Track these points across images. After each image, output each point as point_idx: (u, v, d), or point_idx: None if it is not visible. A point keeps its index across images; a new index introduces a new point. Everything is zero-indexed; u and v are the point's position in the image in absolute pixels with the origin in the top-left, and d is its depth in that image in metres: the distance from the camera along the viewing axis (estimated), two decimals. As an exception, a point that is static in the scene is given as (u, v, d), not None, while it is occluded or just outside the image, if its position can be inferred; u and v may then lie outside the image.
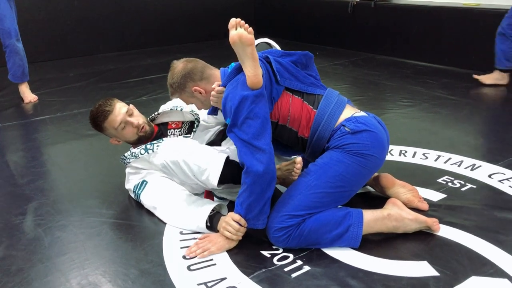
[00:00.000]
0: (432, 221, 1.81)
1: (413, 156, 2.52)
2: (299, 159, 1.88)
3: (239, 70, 1.76)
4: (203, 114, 2.19)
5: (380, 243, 1.77)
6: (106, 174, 2.45)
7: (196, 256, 1.71)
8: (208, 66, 1.92)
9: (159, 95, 3.95)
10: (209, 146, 1.99)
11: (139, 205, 2.06)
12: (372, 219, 1.77)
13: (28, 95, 3.85)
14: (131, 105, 2.13)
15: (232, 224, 1.69)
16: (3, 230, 1.95)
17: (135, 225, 1.97)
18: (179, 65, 1.88)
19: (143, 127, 2.07)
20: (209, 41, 6.23)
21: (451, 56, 4.49)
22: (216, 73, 1.89)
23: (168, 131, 2.19)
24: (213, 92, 1.83)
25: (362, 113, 1.84)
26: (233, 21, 1.64)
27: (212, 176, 1.79)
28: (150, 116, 2.24)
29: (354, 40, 5.46)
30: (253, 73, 1.66)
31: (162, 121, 2.26)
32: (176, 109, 2.21)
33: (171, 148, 1.88)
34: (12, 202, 2.20)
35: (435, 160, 2.46)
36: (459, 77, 4.15)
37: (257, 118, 1.64)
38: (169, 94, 1.95)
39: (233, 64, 1.93)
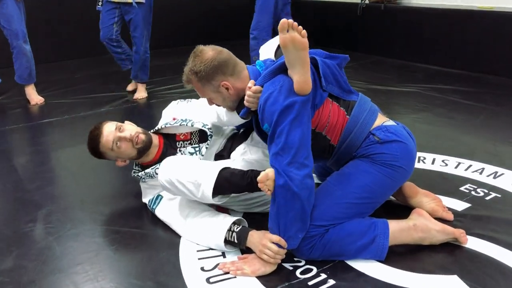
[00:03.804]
0: (459, 233, 1.74)
1: (432, 163, 2.45)
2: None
3: (280, 70, 1.65)
4: (208, 115, 2.05)
5: (405, 255, 1.70)
6: (117, 179, 2.38)
7: (228, 272, 1.62)
8: (238, 60, 1.76)
9: (167, 97, 3.88)
10: (207, 161, 1.88)
11: (153, 214, 1.99)
12: (398, 230, 1.70)
13: (34, 97, 3.79)
14: (126, 121, 2.02)
15: (270, 246, 1.57)
16: (12, 238, 1.88)
17: (150, 234, 1.89)
18: (208, 52, 1.68)
19: (137, 137, 1.93)
20: (217, 43, 6.14)
21: (463, 59, 4.43)
22: (246, 70, 1.76)
23: (177, 143, 2.07)
24: (249, 92, 1.68)
25: (392, 122, 1.77)
26: (284, 22, 1.49)
27: (207, 189, 1.65)
28: (154, 128, 2.10)
29: (363, 43, 5.39)
30: (303, 78, 1.55)
31: (169, 132, 2.11)
32: (186, 125, 2.03)
33: (165, 167, 1.74)
34: (21, 209, 2.13)
35: (455, 167, 2.39)
36: (472, 81, 4.09)
37: (300, 128, 1.54)
38: (183, 80, 1.74)
39: (260, 62, 1.84)
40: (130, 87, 4.12)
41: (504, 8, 4.17)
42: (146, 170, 1.98)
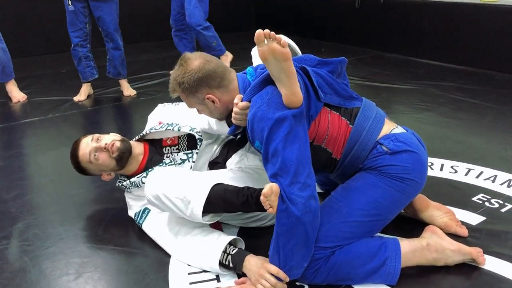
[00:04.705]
0: (476, 252, 1.58)
1: (441, 170, 2.29)
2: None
3: (268, 81, 1.49)
4: (198, 123, 1.90)
5: (418, 279, 1.54)
6: (103, 188, 2.19)
7: None
8: (228, 70, 1.60)
9: (157, 94, 3.69)
10: (199, 173, 1.72)
11: (140, 229, 1.81)
12: (410, 250, 1.54)
13: (16, 94, 3.58)
14: (111, 133, 1.89)
15: (268, 277, 1.42)
16: (-16, 259, 1.70)
17: (136, 253, 1.72)
18: (194, 62, 1.54)
19: (112, 145, 1.78)
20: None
21: (465, 55, 4.27)
22: (235, 81, 1.60)
23: (164, 148, 1.91)
24: (236, 109, 1.53)
25: (401, 129, 1.60)
26: (260, 34, 1.32)
27: (196, 208, 1.49)
28: (138, 135, 1.95)
29: (361, 37, 5.22)
30: (291, 91, 1.39)
31: (154, 138, 1.96)
32: (173, 129, 1.89)
33: (152, 180, 1.58)
34: (-5, 223, 1.95)
35: (466, 175, 2.23)
36: (476, 77, 3.93)
37: (296, 143, 1.38)
38: (169, 90, 1.62)
39: (250, 69, 1.67)
40: (83, 96, 3.64)
41: (507, 2, 4.00)
42: (132, 179, 1.82)
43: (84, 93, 3.63)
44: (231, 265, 1.52)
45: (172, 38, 4.15)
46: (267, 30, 1.32)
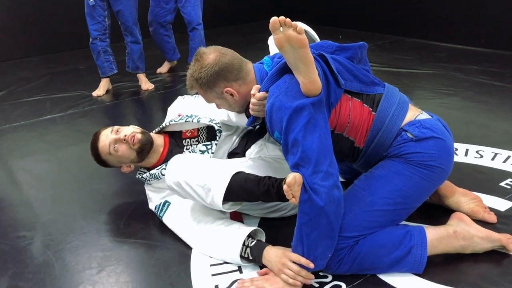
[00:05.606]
0: (506, 239, 1.53)
1: (466, 155, 2.23)
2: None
3: (285, 70, 1.45)
4: (217, 114, 1.88)
5: (445, 267, 1.50)
6: (123, 182, 2.20)
7: None
8: (244, 61, 1.57)
9: (174, 88, 3.68)
10: (220, 160, 1.70)
11: (161, 222, 1.81)
12: (436, 238, 1.50)
13: None
14: (131, 126, 1.89)
15: (291, 265, 1.40)
16: (9, 254, 1.72)
17: (158, 245, 1.72)
18: (209, 56, 1.52)
19: (133, 137, 1.78)
20: (223, 27, 5.93)
21: (489, 37, 4.14)
22: (252, 71, 1.57)
23: (184, 140, 1.90)
24: (253, 100, 1.50)
25: (426, 115, 1.55)
26: (275, 21, 1.29)
27: (217, 196, 1.48)
28: (158, 127, 1.95)
29: (379, 22, 5.11)
30: (309, 79, 1.36)
31: (174, 130, 1.96)
32: (192, 121, 1.88)
33: (173, 166, 1.57)
34: (19, 218, 1.97)
35: (492, 159, 2.17)
36: (501, 60, 3.81)
37: (317, 132, 1.34)
38: (187, 87, 1.61)
39: (267, 58, 1.64)
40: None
41: (534, -20, 3.86)
42: (151, 171, 1.82)
43: (103, 88, 3.65)
44: (250, 257, 1.50)
45: (183, 32, 4.14)
46: (282, 17, 1.29)
